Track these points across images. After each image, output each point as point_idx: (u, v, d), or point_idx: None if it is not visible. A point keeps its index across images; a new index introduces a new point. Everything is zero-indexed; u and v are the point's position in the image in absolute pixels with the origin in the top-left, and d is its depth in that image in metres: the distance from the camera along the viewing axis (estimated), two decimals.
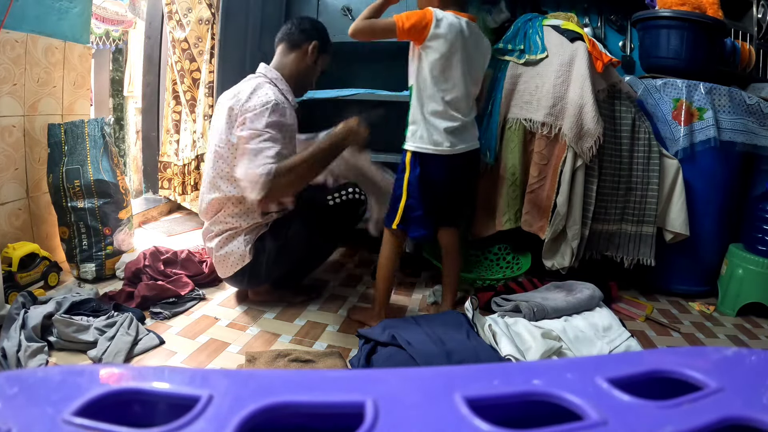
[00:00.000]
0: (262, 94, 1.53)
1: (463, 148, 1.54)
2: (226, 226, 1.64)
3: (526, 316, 1.61)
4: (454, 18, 1.46)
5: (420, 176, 1.52)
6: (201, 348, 1.47)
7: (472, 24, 1.51)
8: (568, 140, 1.84)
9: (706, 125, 1.96)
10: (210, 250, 1.72)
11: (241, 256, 1.64)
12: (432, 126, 1.49)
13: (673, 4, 2.03)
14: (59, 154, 1.85)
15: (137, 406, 0.43)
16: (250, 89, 1.56)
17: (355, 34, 1.46)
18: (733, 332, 1.82)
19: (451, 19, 1.45)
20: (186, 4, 2.45)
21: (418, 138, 1.51)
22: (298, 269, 1.87)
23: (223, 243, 1.66)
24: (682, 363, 0.47)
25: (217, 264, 1.71)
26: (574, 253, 1.90)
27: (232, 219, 1.64)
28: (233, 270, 1.66)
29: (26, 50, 1.78)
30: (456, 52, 1.47)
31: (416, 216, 1.54)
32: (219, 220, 1.65)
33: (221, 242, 1.66)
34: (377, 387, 0.44)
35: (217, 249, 1.68)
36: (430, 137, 1.49)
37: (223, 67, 2.19)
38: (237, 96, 1.57)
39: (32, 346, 1.30)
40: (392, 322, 1.51)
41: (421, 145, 1.51)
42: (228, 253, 1.65)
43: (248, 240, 1.64)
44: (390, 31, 1.43)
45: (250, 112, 1.50)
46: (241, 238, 1.64)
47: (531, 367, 0.56)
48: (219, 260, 1.69)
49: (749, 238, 1.97)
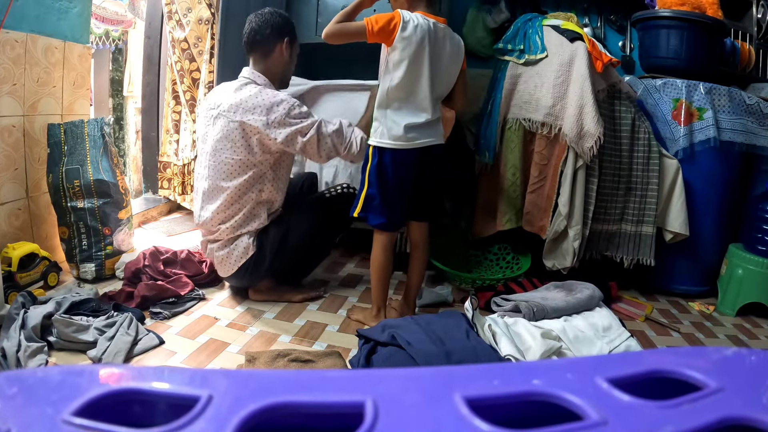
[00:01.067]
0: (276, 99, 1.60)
1: (423, 142, 1.56)
2: (235, 233, 1.68)
3: (526, 316, 1.61)
4: (422, 19, 1.48)
5: (378, 166, 1.56)
6: (201, 348, 1.47)
7: (440, 25, 1.53)
8: (569, 140, 1.84)
9: (705, 125, 1.96)
10: (210, 249, 1.72)
11: (245, 249, 1.67)
12: (393, 122, 1.53)
13: (673, 4, 2.03)
14: (59, 154, 1.85)
15: (137, 406, 0.43)
16: (265, 99, 1.59)
17: (327, 37, 1.48)
18: (732, 332, 1.82)
19: (419, 21, 1.48)
20: (186, 4, 2.45)
21: (378, 134, 1.55)
22: (301, 262, 1.89)
23: (227, 243, 1.69)
24: (682, 363, 0.47)
25: (220, 263, 1.72)
26: (575, 253, 1.90)
27: (240, 226, 1.67)
28: (237, 265, 1.68)
29: (26, 50, 1.78)
30: (422, 54, 1.48)
31: (375, 205, 1.58)
32: (227, 227, 1.67)
33: (224, 243, 1.69)
34: (377, 387, 0.44)
35: (219, 249, 1.69)
36: (389, 132, 1.53)
37: (223, 67, 2.19)
38: (251, 110, 1.58)
39: (32, 346, 1.30)
40: (392, 321, 1.51)
41: (381, 140, 1.55)
42: (232, 249, 1.67)
43: (251, 233, 1.68)
44: (360, 34, 1.46)
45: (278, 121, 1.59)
46: (244, 238, 1.68)
47: (531, 367, 0.56)
48: (222, 258, 1.70)
49: (749, 238, 1.97)
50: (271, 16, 1.69)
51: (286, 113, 1.59)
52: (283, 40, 1.70)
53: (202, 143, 1.73)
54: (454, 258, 2.22)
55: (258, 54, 1.71)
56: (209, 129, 1.69)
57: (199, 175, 1.75)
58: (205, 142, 1.70)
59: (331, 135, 1.65)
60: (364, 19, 1.47)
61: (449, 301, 1.88)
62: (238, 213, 1.66)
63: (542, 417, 0.38)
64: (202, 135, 1.73)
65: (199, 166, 1.74)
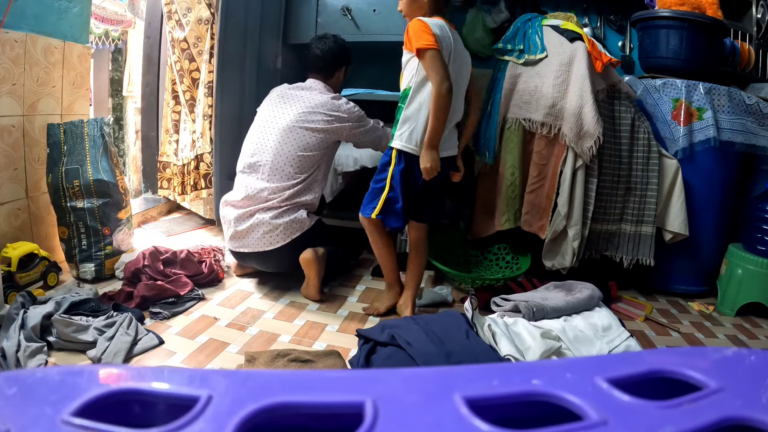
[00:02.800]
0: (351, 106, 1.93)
1: (448, 153, 1.66)
2: (293, 202, 1.84)
3: (526, 316, 1.61)
4: (444, 24, 1.55)
5: (403, 171, 1.61)
6: (200, 348, 1.47)
7: (454, 31, 1.60)
8: (568, 140, 1.84)
9: (705, 125, 1.96)
10: (259, 222, 1.81)
11: (302, 223, 1.85)
12: (425, 129, 1.57)
13: (673, 4, 2.03)
14: (58, 154, 1.85)
15: (136, 406, 0.43)
16: (343, 105, 1.91)
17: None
18: (732, 332, 1.82)
19: (441, 24, 1.54)
20: (185, 4, 2.44)
21: (405, 138, 1.60)
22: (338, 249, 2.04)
23: (282, 214, 1.82)
24: (682, 363, 0.47)
25: (275, 231, 1.81)
26: (575, 253, 1.90)
27: (300, 203, 1.87)
28: (293, 236, 1.83)
29: (25, 50, 1.78)
30: (450, 57, 1.55)
31: (396, 208, 1.63)
32: (288, 196, 1.83)
33: (280, 213, 1.82)
34: (377, 387, 0.44)
35: (276, 217, 1.80)
36: (417, 139, 1.59)
37: (223, 67, 2.18)
38: (335, 112, 1.87)
39: (31, 346, 1.30)
40: (391, 322, 1.51)
41: (408, 145, 1.60)
42: (292, 220, 1.82)
43: (308, 210, 1.90)
44: (440, 60, 1.50)
45: (353, 120, 1.90)
46: (302, 210, 1.87)
47: (530, 367, 0.56)
48: (281, 228, 1.81)
49: (748, 237, 1.97)
50: (335, 45, 1.95)
51: (360, 115, 1.93)
52: (342, 68, 1.99)
53: (287, 129, 1.86)
54: (454, 258, 2.22)
55: (321, 76, 1.97)
56: (281, 111, 1.90)
57: (270, 151, 1.85)
58: (274, 122, 1.88)
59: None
60: (420, 45, 1.50)
61: (449, 301, 1.89)
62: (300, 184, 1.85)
63: (542, 417, 0.38)
64: (267, 115, 1.91)
65: (276, 142, 1.85)
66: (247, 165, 1.89)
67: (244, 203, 1.85)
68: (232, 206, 1.88)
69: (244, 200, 1.84)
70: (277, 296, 1.88)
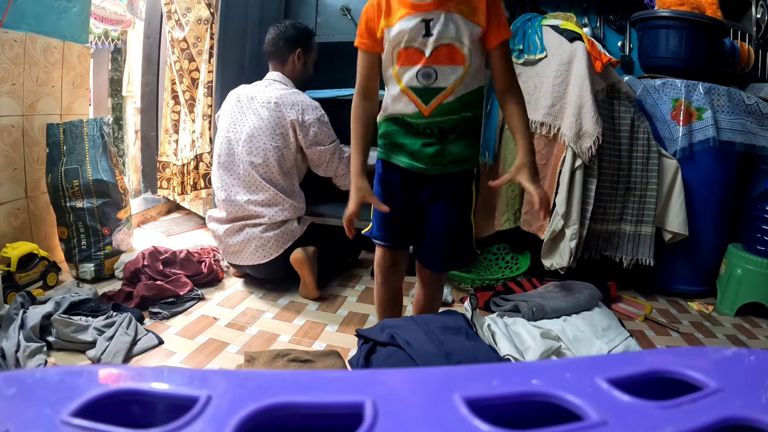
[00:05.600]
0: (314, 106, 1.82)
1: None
2: (278, 209, 1.81)
3: (525, 316, 1.61)
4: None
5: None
6: (200, 348, 1.47)
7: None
8: (567, 140, 1.84)
9: (704, 125, 1.96)
10: (250, 237, 1.80)
11: (293, 232, 1.84)
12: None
13: (672, 4, 2.03)
14: (58, 154, 1.85)
15: (136, 406, 0.43)
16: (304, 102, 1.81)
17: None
18: (732, 332, 1.83)
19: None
20: (185, 4, 2.44)
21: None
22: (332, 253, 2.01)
23: (272, 227, 1.81)
24: (681, 363, 0.47)
25: (267, 245, 1.80)
26: (572, 253, 1.90)
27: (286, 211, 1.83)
28: (287, 245, 1.82)
29: (25, 50, 1.78)
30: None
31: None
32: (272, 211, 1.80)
33: (269, 227, 1.80)
34: (376, 387, 0.44)
35: (266, 230, 1.79)
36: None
37: (222, 66, 2.18)
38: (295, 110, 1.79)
39: (31, 346, 1.30)
40: (391, 321, 1.51)
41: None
42: (283, 231, 1.82)
43: (297, 214, 1.88)
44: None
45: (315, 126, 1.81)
46: (291, 219, 1.85)
47: (530, 367, 0.56)
48: (272, 240, 1.81)
49: (748, 237, 1.97)
50: (285, 29, 1.87)
51: (326, 126, 1.84)
52: (295, 51, 1.87)
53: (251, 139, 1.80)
54: None
55: (275, 61, 1.90)
56: (240, 118, 1.83)
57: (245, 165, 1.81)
58: (236, 132, 1.82)
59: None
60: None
61: (449, 301, 1.88)
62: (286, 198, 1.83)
63: (542, 417, 0.38)
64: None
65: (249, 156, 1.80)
66: (220, 163, 1.86)
67: (228, 219, 1.85)
68: (217, 222, 1.88)
69: (228, 216, 1.84)
70: (277, 296, 1.88)
